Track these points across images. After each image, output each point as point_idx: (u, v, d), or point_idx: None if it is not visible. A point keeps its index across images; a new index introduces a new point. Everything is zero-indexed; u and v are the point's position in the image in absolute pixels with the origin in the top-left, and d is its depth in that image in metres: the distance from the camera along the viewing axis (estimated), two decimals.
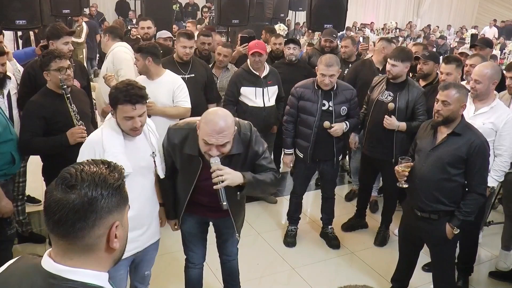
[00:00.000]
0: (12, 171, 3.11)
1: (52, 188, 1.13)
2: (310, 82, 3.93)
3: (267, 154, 2.61)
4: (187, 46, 4.31)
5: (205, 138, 2.30)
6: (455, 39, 14.70)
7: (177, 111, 3.83)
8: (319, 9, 6.41)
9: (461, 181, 2.93)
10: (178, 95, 3.85)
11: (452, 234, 2.95)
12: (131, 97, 2.40)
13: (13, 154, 3.04)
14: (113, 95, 2.44)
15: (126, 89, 2.42)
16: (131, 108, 2.41)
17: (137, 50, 3.77)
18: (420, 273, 3.71)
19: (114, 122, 2.50)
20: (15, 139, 3.11)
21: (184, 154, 2.52)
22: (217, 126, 2.27)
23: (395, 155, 3.91)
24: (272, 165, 2.60)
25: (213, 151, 2.31)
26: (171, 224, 2.91)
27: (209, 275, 3.53)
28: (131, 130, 2.47)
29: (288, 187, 5.28)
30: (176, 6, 13.17)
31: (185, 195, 2.64)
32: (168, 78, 3.87)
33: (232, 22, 7.06)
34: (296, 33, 13.74)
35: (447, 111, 2.88)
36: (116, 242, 1.17)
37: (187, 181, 2.60)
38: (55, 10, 7.92)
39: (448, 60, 3.95)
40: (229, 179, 2.30)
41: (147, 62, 3.73)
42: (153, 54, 3.77)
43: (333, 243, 4.23)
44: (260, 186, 2.50)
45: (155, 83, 3.79)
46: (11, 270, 1.22)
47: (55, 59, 3.16)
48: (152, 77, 3.82)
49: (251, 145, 2.52)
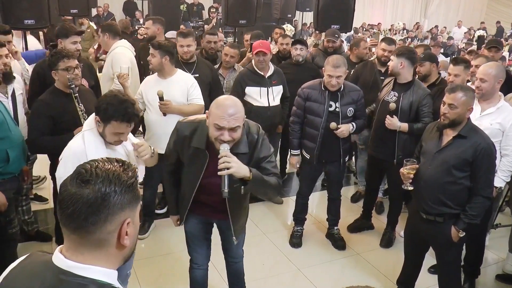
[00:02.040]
0: (9, 170, 3.06)
1: (66, 182, 1.15)
2: (317, 83, 3.92)
3: (273, 158, 2.59)
4: (184, 45, 4.36)
5: (216, 121, 2.29)
6: (463, 40, 14.63)
7: (192, 109, 3.85)
8: (327, 10, 6.41)
9: (467, 184, 2.91)
10: (192, 93, 3.91)
11: (457, 237, 2.94)
12: (129, 118, 2.40)
13: (9, 152, 3.01)
14: (108, 112, 2.40)
15: (124, 107, 2.39)
16: (126, 126, 2.42)
17: (156, 47, 3.79)
18: (425, 275, 3.70)
19: (96, 131, 2.50)
20: (14, 138, 3.08)
21: (191, 148, 2.51)
22: (229, 108, 2.29)
23: (397, 156, 3.92)
24: (276, 170, 2.58)
25: (224, 135, 2.30)
26: (173, 220, 2.92)
27: (215, 275, 3.53)
28: (115, 142, 2.50)
29: (294, 187, 5.29)
30: (184, 7, 13.20)
31: (191, 191, 2.62)
32: (181, 77, 3.93)
33: (239, 23, 7.07)
34: (303, 34, 13.73)
35: (454, 114, 2.87)
36: (127, 239, 1.18)
37: (193, 176, 2.57)
38: (62, 10, 7.96)
39: (456, 61, 3.94)
40: (235, 168, 2.27)
41: (163, 60, 3.78)
42: (171, 54, 3.83)
43: (339, 244, 4.22)
44: (264, 186, 2.48)
45: (167, 82, 3.85)
46: (22, 266, 1.24)
47: (63, 59, 3.18)
48: (165, 76, 3.88)
49: (257, 147, 2.51)
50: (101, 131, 2.48)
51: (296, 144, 4.05)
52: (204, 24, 13.09)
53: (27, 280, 1.17)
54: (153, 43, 3.91)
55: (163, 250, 3.95)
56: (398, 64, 3.88)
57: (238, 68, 4.93)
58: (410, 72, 3.94)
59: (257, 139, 2.51)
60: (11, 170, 3.08)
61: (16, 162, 3.10)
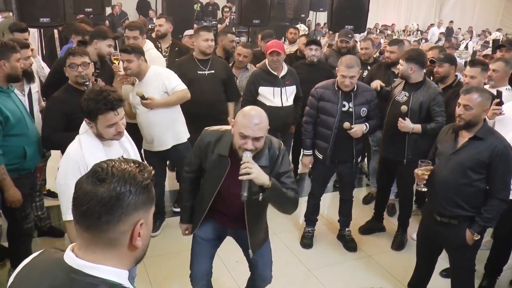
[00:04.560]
0: (26, 166, 3.13)
1: (82, 180, 1.15)
2: (331, 83, 3.91)
3: (292, 174, 2.61)
4: (208, 39, 4.37)
5: (242, 130, 2.35)
6: (478, 42, 14.45)
7: (177, 96, 3.80)
8: (340, 10, 6.39)
9: (482, 186, 2.87)
10: (170, 83, 3.78)
11: (472, 240, 2.90)
12: (113, 104, 2.36)
13: (26, 149, 3.07)
14: (89, 108, 2.36)
15: (103, 96, 2.34)
16: (113, 115, 2.38)
17: (130, 51, 3.64)
18: (437, 278, 3.66)
19: (92, 134, 2.47)
20: (31, 135, 3.15)
21: (214, 155, 2.56)
22: (254, 118, 2.36)
23: (407, 156, 3.90)
24: (294, 185, 2.60)
25: (248, 144, 2.36)
26: (182, 228, 2.88)
27: (224, 273, 3.53)
28: (115, 136, 2.47)
29: (306, 188, 5.27)
30: (197, 6, 13.23)
31: (209, 198, 2.62)
32: (152, 73, 3.78)
33: (253, 22, 7.07)
34: (317, 34, 13.68)
35: (469, 116, 2.83)
36: (139, 240, 1.18)
37: (212, 183, 2.60)
38: (77, 9, 8.02)
39: (473, 63, 3.90)
40: (255, 174, 2.32)
41: (140, 61, 3.69)
42: (143, 53, 3.75)
43: (350, 246, 4.20)
44: (282, 197, 2.50)
45: (144, 83, 3.77)
46: (34, 263, 1.24)
47: (69, 56, 3.24)
48: (141, 77, 3.78)
49: (278, 162, 2.55)
50: (96, 131, 2.44)
51: (309, 144, 4.03)
52: (217, 23, 13.11)
53: (39, 277, 1.18)
54: (125, 49, 3.71)
55: (174, 248, 3.96)
56: (408, 69, 3.86)
57: (250, 68, 4.93)
58: (421, 74, 3.92)
59: (278, 154, 2.55)
60: (27, 166, 3.16)
61: (33, 159, 3.18)
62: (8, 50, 2.98)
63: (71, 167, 2.38)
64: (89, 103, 2.35)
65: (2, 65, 2.97)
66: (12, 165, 3.02)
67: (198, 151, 2.66)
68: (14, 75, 3.05)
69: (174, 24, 5.62)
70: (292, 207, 2.64)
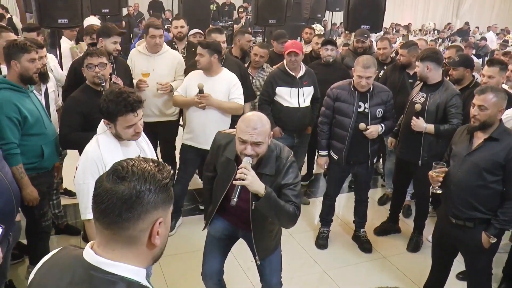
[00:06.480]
0: (44, 165, 3.18)
1: (102, 178, 1.17)
2: (347, 83, 3.89)
3: (297, 187, 2.53)
4: (221, 41, 4.42)
5: (240, 135, 2.36)
6: (497, 41, 14.23)
7: (232, 106, 3.95)
8: (357, 10, 6.34)
9: (498, 188, 2.83)
10: (234, 92, 3.97)
11: (488, 243, 2.86)
12: (133, 106, 2.36)
13: (43, 148, 3.11)
14: (109, 109, 2.36)
15: (123, 98, 2.35)
16: (133, 116, 2.39)
17: (205, 46, 3.87)
18: (454, 281, 3.63)
19: (109, 134, 2.48)
20: (49, 134, 3.19)
21: (223, 157, 2.59)
22: (251, 122, 2.34)
23: (423, 157, 3.87)
24: (297, 200, 2.50)
25: (247, 149, 2.35)
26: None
27: (239, 273, 3.53)
28: (133, 136, 2.48)
29: (321, 188, 5.26)
30: (214, 6, 13.26)
31: (219, 198, 2.67)
32: (226, 76, 4.01)
33: (269, 22, 7.06)
34: (333, 34, 13.61)
35: (484, 116, 2.80)
36: (158, 238, 1.19)
37: (222, 184, 2.64)
38: (94, 9, 8.11)
39: (491, 62, 3.84)
40: (249, 181, 2.28)
41: (212, 58, 3.87)
42: (219, 52, 3.94)
43: (365, 247, 4.18)
44: (277, 209, 2.42)
45: (213, 80, 3.93)
46: (54, 260, 1.27)
47: (86, 56, 3.29)
48: (211, 74, 3.96)
49: (281, 173, 2.50)
50: (114, 132, 2.46)
51: (325, 145, 4.02)
52: (233, 23, 13.13)
53: (59, 274, 1.20)
54: (202, 43, 3.97)
55: (190, 247, 3.98)
56: (424, 69, 3.81)
57: (267, 68, 4.93)
58: (439, 72, 3.87)
59: (284, 164, 2.51)
60: (45, 165, 3.21)
61: (50, 158, 3.23)
62: (18, 50, 2.96)
63: (90, 167, 2.41)
64: (109, 105, 2.36)
65: (13, 66, 2.96)
66: (30, 164, 3.07)
67: (212, 152, 2.71)
68: (26, 76, 2.99)
69: (190, 24, 5.64)
70: (288, 222, 2.54)
